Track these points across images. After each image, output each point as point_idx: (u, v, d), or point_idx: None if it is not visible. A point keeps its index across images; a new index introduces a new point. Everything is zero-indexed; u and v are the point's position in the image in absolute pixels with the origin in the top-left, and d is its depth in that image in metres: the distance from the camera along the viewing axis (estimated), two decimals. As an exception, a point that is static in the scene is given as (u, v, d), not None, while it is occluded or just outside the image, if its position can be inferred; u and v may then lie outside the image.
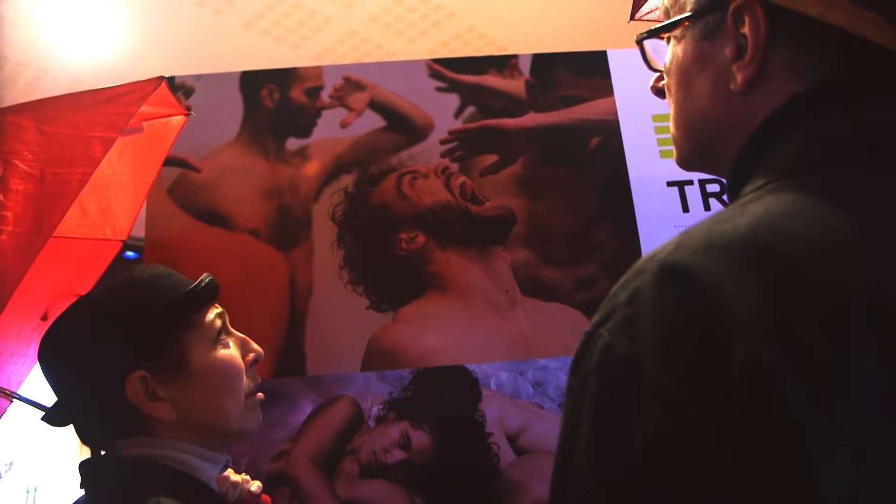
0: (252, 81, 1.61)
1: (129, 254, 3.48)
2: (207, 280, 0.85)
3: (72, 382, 0.78)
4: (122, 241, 1.49)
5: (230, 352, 0.84)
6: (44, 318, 1.28)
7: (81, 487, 0.76)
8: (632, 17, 1.44)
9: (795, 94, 0.48)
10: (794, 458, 0.33)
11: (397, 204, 1.52)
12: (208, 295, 0.85)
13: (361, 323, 1.46)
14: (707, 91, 0.55)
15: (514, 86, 1.62)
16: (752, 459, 0.33)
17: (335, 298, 1.47)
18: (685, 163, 0.62)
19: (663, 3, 0.62)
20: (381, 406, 1.42)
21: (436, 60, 1.63)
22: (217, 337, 0.83)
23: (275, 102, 1.60)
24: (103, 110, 1.16)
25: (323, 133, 1.58)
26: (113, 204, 1.45)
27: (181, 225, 1.50)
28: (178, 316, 0.80)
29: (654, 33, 0.63)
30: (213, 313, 0.85)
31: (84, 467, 0.76)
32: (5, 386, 1.24)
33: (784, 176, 0.46)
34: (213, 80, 1.62)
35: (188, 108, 1.42)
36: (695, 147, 0.59)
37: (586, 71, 1.64)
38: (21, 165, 1.03)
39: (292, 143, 1.57)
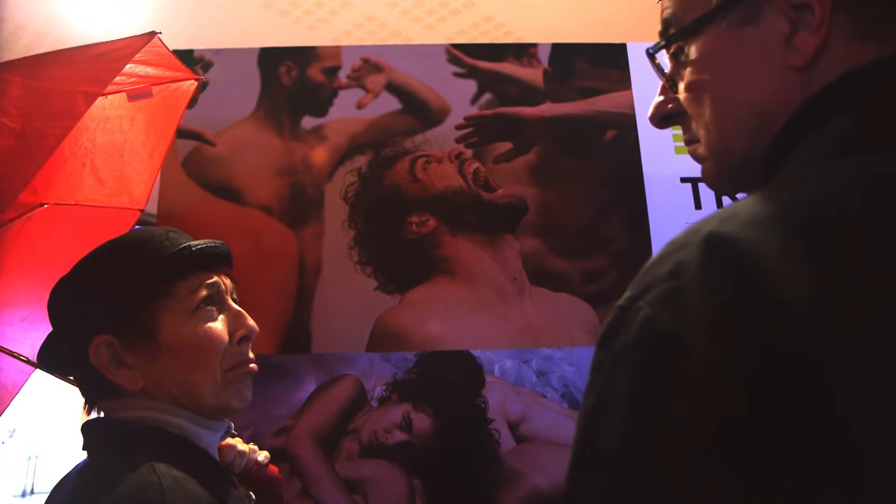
0: (270, 58, 1.61)
1: (138, 227, 3.51)
2: (201, 246, 0.80)
3: (55, 341, 0.79)
4: (141, 210, 1.49)
5: (211, 325, 0.79)
6: None
7: (84, 449, 0.76)
8: None
9: (856, 68, 0.44)
10: (851, 446, 0.31)
11: (409, 187, 1.52)
12: (200, 262, 0.80)
13: (368, 304, 1.47)
14: (763, 78, 0.49)
15: (532, 74, 1.61)
16: (806, 446, 0.32)
17: (343, 278, 1.48)
18: (730, 174, 0.54)
19: (665, 15, 0.57)
20: (384, 387, 1.43)
21: (454, 46, 1.62)
22: (196, 308, 0.78)
23: (292, 80, 1.60)
24: (90, 66, 1.14)
25: (339, 113, 1.58)
26: (128, 171, 1.45)
27: (194, 198, 1.51)
28: (149, 283, 0.77)
29: (665, 46, 0.57)
30: (203, 283, 0.79)
31: (85, 428, 0.76)
32: (26, 353, 1.24)
33: (836, 156, 0.42)
34: (232, 56, 1.62)
35: (200, 75, 1.41)
36: (745, 151, 0.51)
37: (605, 63, 1.63)
38: (4, 120, 1.01)
39: (308, 122, 1.57)
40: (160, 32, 1.27)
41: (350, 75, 1.60)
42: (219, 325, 0.80)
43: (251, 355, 0.83)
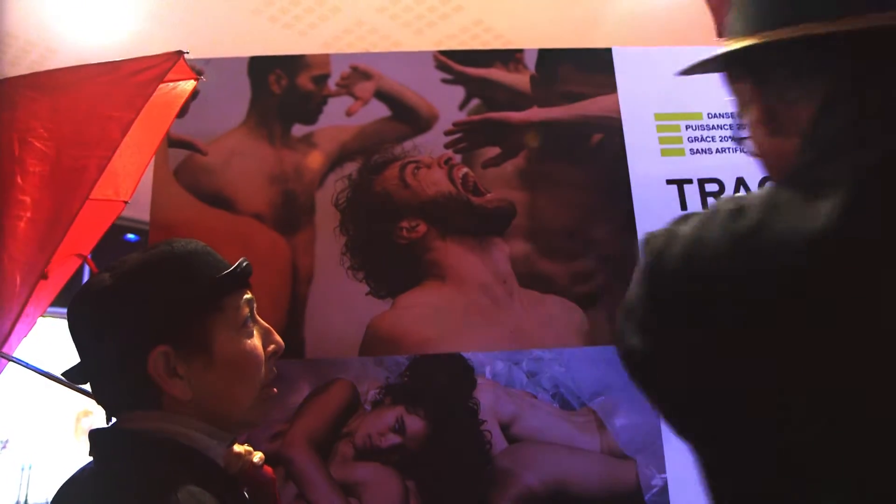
0: (260, 67, 1.63)
1: (130, 236, 3.50)
2: (244, 265, 0.84)
3: (96, 346, 0.77)
4: (125, 203, 1.49)
5: (253, 341, 0.83)
6: (44, 277, 1.25)
7: (91, 455, 0.76)
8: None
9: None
10: None
11: (400, 193, 1.54)
12: (242, 280, 0.84)
13: (361, 308, 1.48)
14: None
15: (519, 80, 1.64)
16: None
17: (336, 284, 1.50)
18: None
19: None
20: (377, 390, 1.45)
21: (442, 52, 1.65)
22: (243, 324, 0.82)
23: (282, 88, 1.62)
24: (119, 87, 1.14)
25: (329, 120, 1.60)
26: (117, 165, 1.42)
27: (186, 206, 1.52)
28: (209, 298, 0.80)
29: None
30: (243, 299, 0.84)
31: (96, 436, 0.77)
32: None
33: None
34: (222, 65, 1.63)
35: (199, 74, 1.42)
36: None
37: (591, 68, 1.66)
38: (37, 144, 1.01)
39: (298, 130, 1.59)
40: (188, 52, 1.28)
41: (339, 83, 1.62)
42: (258, 342, 0.84)
43: (276, 371, 0.88)
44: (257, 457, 0.86)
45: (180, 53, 1.20)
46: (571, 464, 1.43)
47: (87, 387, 0.81)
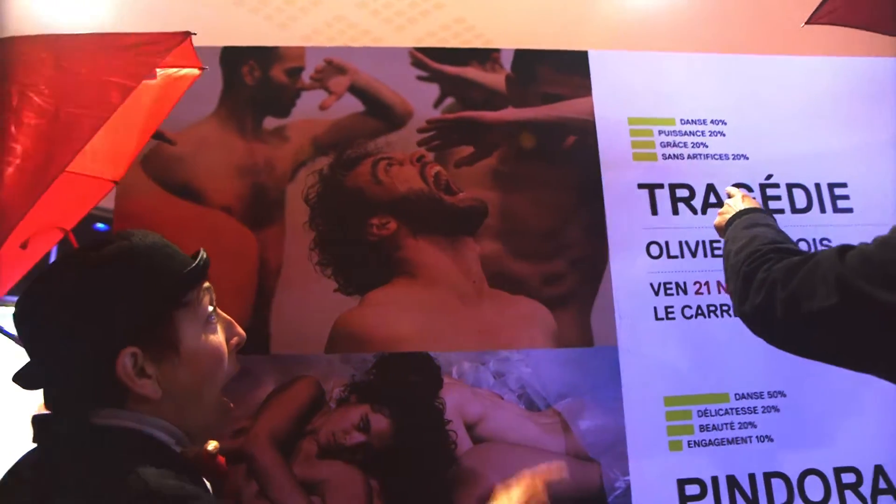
0: (233, 57, 1.61)
1: (100, 225, 3.44)
2: (205, 257, 0.82)
3: (57, 347, 0.73)
4: (115, 182, 1.46)
5: (217, 336, 0.81)
6: (23, 247, 1.23)
7: (35, 441, 0.73)
8: (808, 21, 1.42)
9: None
10: None
11: (371, 189, 1.53)
12: (204, 273, 0.82)
13: (328, 305, 1.47)
14: None
15: (495, 80, 1.63)
16: None
17: (304, 279, 1.48)
18: None
19: None
20: (342, 388, 1.43)
21: (418, 49, 1.63)
22: (208, 318, 0.80)
23: (255, 80, 1.59)
24: (123, 56, 1.12)
25: (301, 114, 1.58)
26: (115, 145, 1.40)
27: (152, 197, 1.49)
28: (175, 293, 0.77)
29: None
30: (204, 292, 0.82)
31: (44, 425, 0.74)
32: None
33: None
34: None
35: (203, 65, 1.39)
36: None
37: (566, 69, 1.66)
38: (36, 99, 0.99)
39: (270, 122, 1.57)
40: (195, 34, 1.26)
41: (313, 76, 1.60)
42: (222, 336, 0.82)
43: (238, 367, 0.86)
44: (212, 445, 0.84)
45: (188, 34, 1.18)
46: (536, 465, 1.43)
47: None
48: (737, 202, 1.32)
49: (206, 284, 0.83)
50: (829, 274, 0.79)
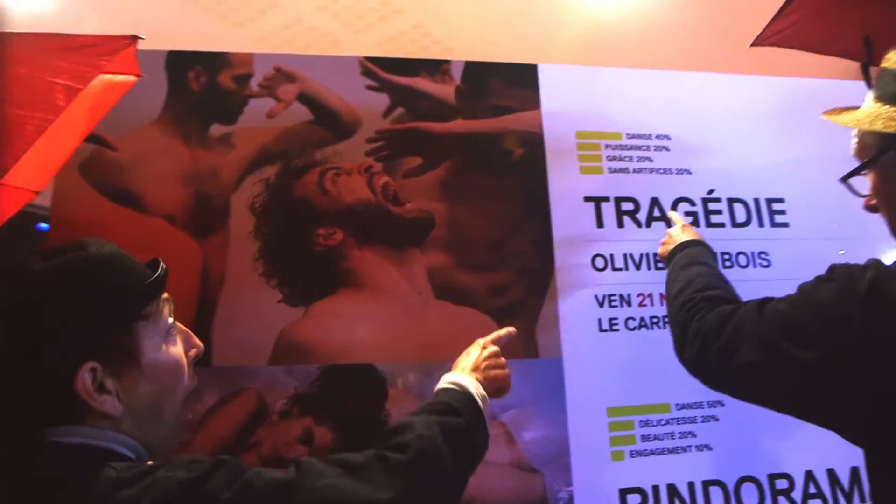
0: (179, 62, 1.58)
1: (43, 225, 3.33)
2: (165, 267, 0.80)
3: (9, 364, 0.70)
4: (36, 193, 1.41)
5: (178, 349, 0.80)
6: None
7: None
8: (754, 44, 1.46)
9: None
10: None
11: (318, 199, 1.52)
12: (164, 283, 0.80)
13: (272, 316, 1.45)
14: None
15: (445, 91, 1.64)
16: None
17: (247, 289, 1.46)
18: None
19: (854, 147, 0.96)
20: (285, 401, 1.42)
21: (368, 59, 1.63)
22: (168, 330, 0.79)
23: (201, 86, 1.57)
24: (69, 58, 1.09)
25: (249, 122, 1.56)
26: (39, 152, 1.35)
27: (91, 204, 1.45)
28: (135, 305, 0.75)
29: (853, 174, 0.97)
30: (164, 303, 0.80)
31: (23, 449, 0.69)
32: None
33: None
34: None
35: (141, 73, 1.35)
36: None
37: (516, 82, 1.67)
38: None
39: (216, 129, 1.55)
40: (143, 38, 1.23)
41: (262, 83, 1.58)
42: (181, 348, 0.81)
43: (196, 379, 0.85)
44: None
45: (135, 38, 1.15)
46: (480, 476, 1.44)
47: None
48: (678, 232, 1.40)
49: (165, 295, 0.81)
50: (752, 332, 0.89)
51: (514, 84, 1.67)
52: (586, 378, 1.52)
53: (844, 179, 0.98)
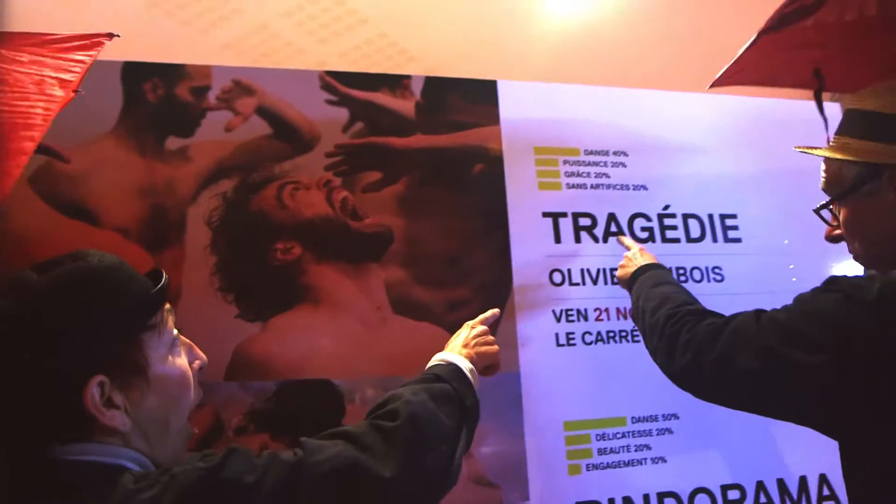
0: (135, 73, 1.55)
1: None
2: (167, 277, 0.79)
3: (13, 380, 0.67)
4: None
5: (183, 360, 0.79)
6: None
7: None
8: (713, 85, 1.50)
9: None
10: None
11: (276, 213, 1.51)
12: (167, 293, 0.79)
13: (229, 331, 1.44)
14: (886, 226, 0.94)
15: (405, 106, 1.64)
16: None
17: (203, 304, 1.44)
18: (870, 263, 1.00)
19: (823, 181, 1.02)
20: (241, 417, 1.40)
21: (329, 73, 1.62)
22: (173, 341, 0.78)
23: (158, 98, 1.54)
24: (47, 52, 1.07)
25: (206, 135, 1.54)
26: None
27: (41, 217, 1.42)
28: (141, 316, 0.74)
29: (826, 206, 1.03)
30: (167, 314, 0.79)
31: (35, 465, 0.68)
32: None
33: None
34: (93, 67, 1.54)
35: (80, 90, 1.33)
36: (881, 256, 0.97)
37: (476, 98, 1.68)
38: None
39: (173, 142, 1.52)
40: (118, 35, 1.20)
41: (220, 96, 1.57)
42: (185, 360, 0.80)
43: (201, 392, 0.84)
44: None
45: (112, 36, 1.13)
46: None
47: None
48: (636, 255, 1.43)
49: (168, 306, 0.80)
50: (750, 341, 0.91)
51: (473, 99, 1.68)
52: (544, 392, 1.54)
53: (818, 210, 1.04)
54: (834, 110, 1.57)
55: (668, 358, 1.07)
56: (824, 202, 1.04)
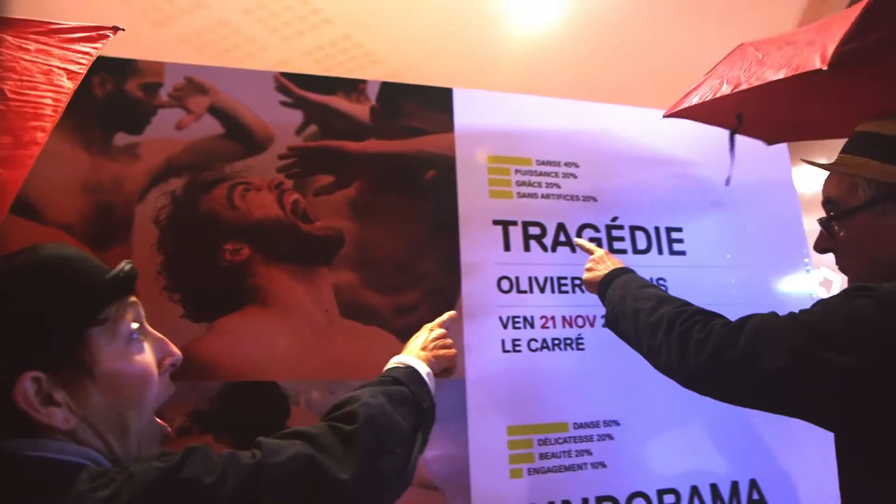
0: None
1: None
2: (128, 268, 0.76)
3: None
4: None
5: (143, 356, 0.75)
6: None
7: None
8: (666, 115, 1.53)
9: None
10: None
11: (226, 214, 1.50)
12: (126, 285, 0.75)
13: (175, 331, 1.38)
14: (888, 245, 1.00)
15: (360, 110, 1.65)
16: None
17: (149, 304, 1.39)
18: (863, 277, 1.04)
19: (828, 195, 1.08)
20: (184, 418, 1.39)
21: (284, 74, 1.62)
22: (130, 336, 0.74)
23: (106, 93, 1.52)
24: (53, 41, 1.05)
25: (156, 132, 1.52)
26: None
27: (-20, 212, 1.39)
28: (88, 309, 0.71)
29: (838, 217, 1.07)
30: (128, 307, 0.75)
31: None
32: None
33: None
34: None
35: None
36: (879, 273, 0.99)
37: (431, 105, 1.70)
38: None
39: (121, 139, 1.51)
40: (123, 29, 1.18)
41: (172, 94, 1.55)
42: (150, 357, 0.77)
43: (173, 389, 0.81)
44: None
45: (116, 30, 1.12)
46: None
47: None
48: (604, 259, 1.42)
49: (132, 299, 0.77)
50: (775, 340, 0.92)
51: (428, 106, 1.70)
52: (488, 398, 1.56)
53: (826, 221, 1.09)
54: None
55: (678, 356, 1.04)
56: (834, 214, 1.08)
